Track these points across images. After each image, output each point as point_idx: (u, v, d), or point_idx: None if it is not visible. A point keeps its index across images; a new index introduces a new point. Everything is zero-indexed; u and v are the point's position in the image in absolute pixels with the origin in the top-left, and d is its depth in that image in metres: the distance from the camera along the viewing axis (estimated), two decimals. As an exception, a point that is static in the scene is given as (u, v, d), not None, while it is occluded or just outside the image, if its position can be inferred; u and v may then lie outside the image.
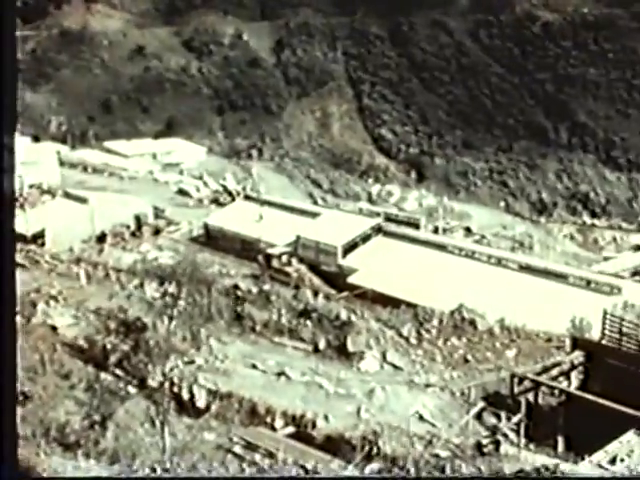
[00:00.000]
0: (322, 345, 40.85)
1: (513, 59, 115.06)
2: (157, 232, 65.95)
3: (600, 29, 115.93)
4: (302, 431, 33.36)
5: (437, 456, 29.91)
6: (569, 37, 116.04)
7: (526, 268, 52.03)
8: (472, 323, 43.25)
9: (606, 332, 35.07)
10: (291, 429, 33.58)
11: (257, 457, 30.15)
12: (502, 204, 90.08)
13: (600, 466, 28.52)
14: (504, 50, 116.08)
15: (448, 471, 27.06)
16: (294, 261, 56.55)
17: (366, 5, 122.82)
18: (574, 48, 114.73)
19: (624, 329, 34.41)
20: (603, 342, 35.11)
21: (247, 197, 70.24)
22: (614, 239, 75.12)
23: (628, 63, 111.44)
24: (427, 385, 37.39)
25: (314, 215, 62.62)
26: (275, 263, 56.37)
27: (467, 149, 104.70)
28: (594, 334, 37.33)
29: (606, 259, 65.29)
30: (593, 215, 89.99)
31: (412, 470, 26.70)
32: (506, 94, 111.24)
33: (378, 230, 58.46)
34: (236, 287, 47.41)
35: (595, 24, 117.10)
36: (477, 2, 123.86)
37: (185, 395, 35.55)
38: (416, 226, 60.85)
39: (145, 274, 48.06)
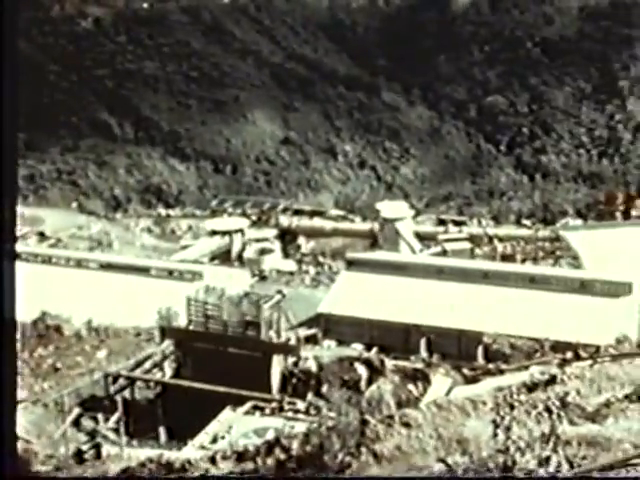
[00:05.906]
0: None
1: (68, 56, 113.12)
2: None
3: (153, 24, 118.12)
4: None
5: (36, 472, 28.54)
6: (123, 32, 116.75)
7: (107, 266, 51.46)
8: (58, 329, 42.01)
9: (192, 318, 35.89)
10: None
11: None
12: (75, 204, 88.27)
13: (202, 447, 29.13)
14: (57, 47, 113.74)
15: None
16: None
17: None
18: (129, 43, 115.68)
19: (208, 312, 35.45)
20: (190, 328, 35.90)
21: None
22: (190, 227, 77.00)
23: (183, 56, 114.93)
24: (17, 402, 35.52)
25: None
26: None
27: (31, 151, 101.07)
28: (182, 322, 38.01)
29: (184, 247, 66.75)
30: (167, 206, 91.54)
31: None
32: (66, 92, 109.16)
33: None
34: None
35: (148, 19, 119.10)
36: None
37: None
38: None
39: None
